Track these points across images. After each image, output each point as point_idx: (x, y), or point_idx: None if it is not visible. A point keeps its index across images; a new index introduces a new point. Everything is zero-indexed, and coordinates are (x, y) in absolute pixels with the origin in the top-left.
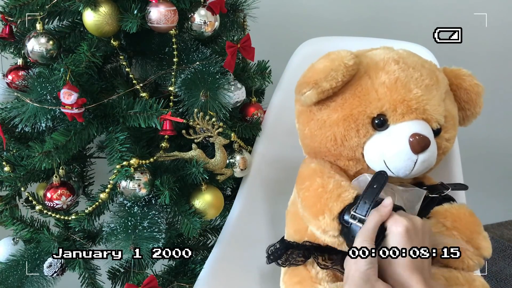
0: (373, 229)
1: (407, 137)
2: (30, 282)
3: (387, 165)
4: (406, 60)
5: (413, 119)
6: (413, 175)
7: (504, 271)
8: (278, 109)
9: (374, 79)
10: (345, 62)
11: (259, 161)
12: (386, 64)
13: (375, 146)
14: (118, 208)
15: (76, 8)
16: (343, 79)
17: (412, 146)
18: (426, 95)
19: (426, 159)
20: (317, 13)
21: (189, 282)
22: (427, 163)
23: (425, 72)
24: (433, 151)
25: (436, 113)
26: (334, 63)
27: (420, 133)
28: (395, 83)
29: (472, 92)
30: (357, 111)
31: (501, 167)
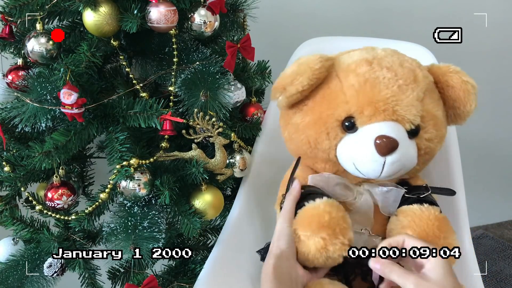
0: (289, 209)
1: (373, 139)
2: (30, 282)
3: (357, 167)
4: (381, 61)
5: (381, 121)
6: (385, 177)
7: (504, 271)
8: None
9: (344, 82)
10: (311, 66)
11: (259, 161)
12: (357, 66)
13: (345, 148)
14: (118, 208)
15: (76, 8)
16: (310, 83)
17: (378, 148)
18: (396, 95)
19: (395, 161)
20: (317, 13)
21: (189, 282)
22: (397, 165)
23: (401, 72)
24: (404, 153)
25: (409, 114)
26: (300, 67)
27: (387, 135)
28: (363, 85)
29: (460, 90)
30: (325, 114)
31: (501, 167)
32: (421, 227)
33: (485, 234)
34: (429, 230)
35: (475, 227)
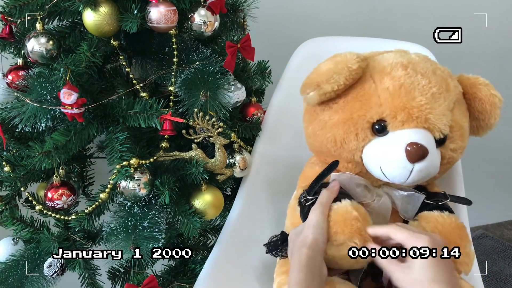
0: (325, 203)
1: (404, 145)
2: (30, 282)
3: (383, 171)
4: (416, 66)
5: (413, 127)
6: (410, 183)
7: (504, 271)
8: (278, 109)
9: (378, 84)
10: (349, 65)
11: (259, 161)
12: (393, 69)
13: (373, 151)
14: (118, 208)
15: (76, 8)
16: (346, 83)
17: (409, 155)
18: (430, 103)
19: (422, 168)
20: (317, 13)
21: (189, 282)
22: (424, 173)
23: (434, 80)
24: (432, 161)
25: (440, 123)
26: (337, 66)
27: (418, 142)
28: (398, 89)
29: (487, 103)
30: (357, 115)
31: (501, 167)
32: (444, 234)
33: (485, 234)
34: (451, 237)
35: (475, 227)
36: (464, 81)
